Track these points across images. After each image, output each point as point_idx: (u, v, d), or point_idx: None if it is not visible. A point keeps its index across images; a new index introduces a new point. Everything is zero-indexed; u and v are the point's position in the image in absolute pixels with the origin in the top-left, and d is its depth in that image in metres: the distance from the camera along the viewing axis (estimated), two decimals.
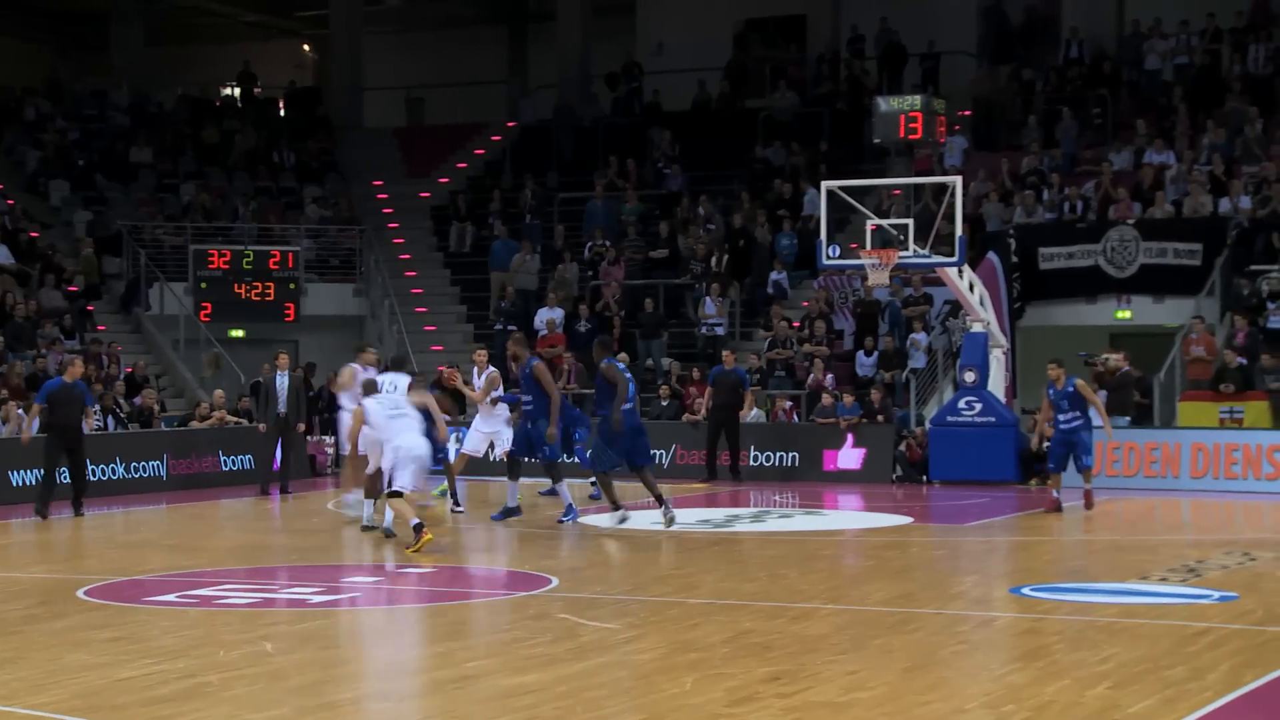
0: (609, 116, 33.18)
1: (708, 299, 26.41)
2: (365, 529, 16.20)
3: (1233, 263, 23.94)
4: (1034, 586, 12.35)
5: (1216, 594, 11.93)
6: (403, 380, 15.98)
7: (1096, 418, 18.20)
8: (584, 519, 16.98)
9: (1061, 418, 17.69)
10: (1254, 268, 23.57)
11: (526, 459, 17.02)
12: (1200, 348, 22.76)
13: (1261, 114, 26.59)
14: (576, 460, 19.02)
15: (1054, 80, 29.42)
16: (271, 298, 28.02)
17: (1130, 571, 13.38)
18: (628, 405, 16.11)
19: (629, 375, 16.48)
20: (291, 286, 28.30)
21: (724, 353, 23.08)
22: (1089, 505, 17.70)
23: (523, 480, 17.40)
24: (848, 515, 19.42)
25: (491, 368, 18.90)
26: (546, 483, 17.95)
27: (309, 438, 24.21)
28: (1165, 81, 28.51)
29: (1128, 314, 24.95)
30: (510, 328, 27.12)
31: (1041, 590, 12.18)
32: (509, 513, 17.05)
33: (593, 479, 18.06)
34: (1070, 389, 17.65)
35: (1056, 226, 25.67)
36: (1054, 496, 17.92)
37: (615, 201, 30.10)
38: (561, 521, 16.77)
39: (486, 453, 18.75)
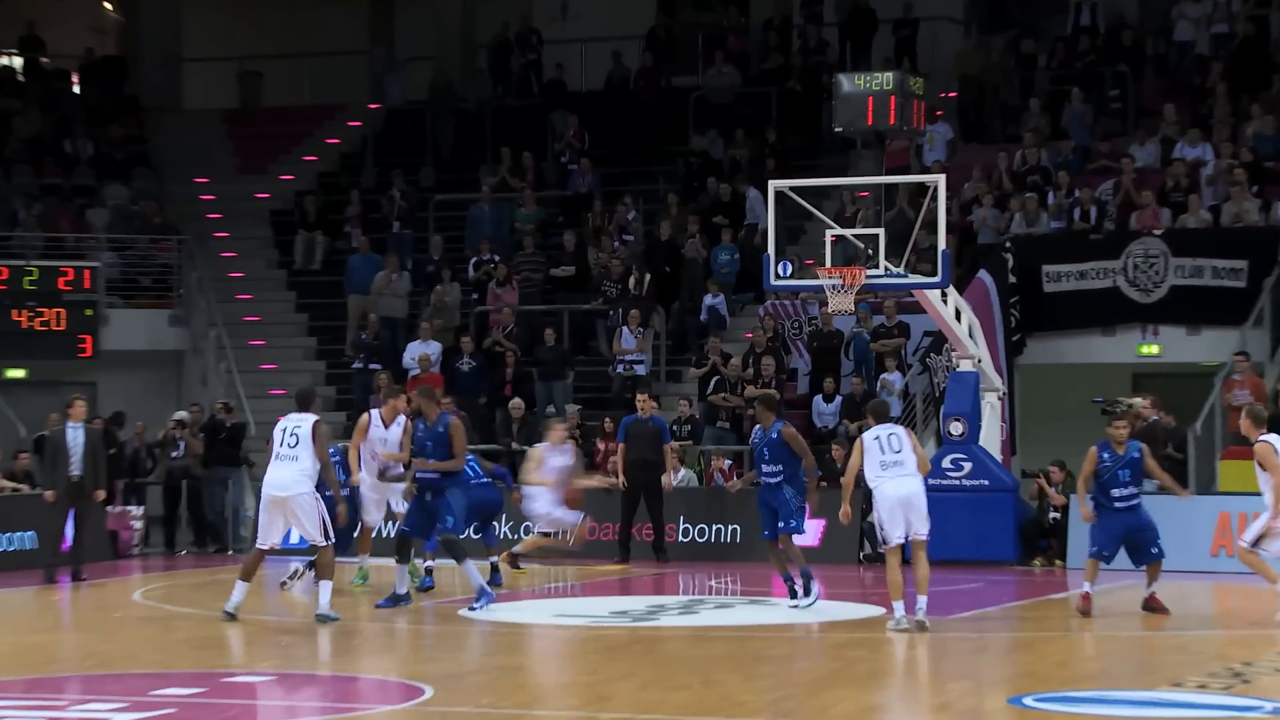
0: (499, 97, 33.18)
1: (624, 329, 26.45)
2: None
3: None
4: (1038, 696, 12.41)
5: (1270, 705, 12.04)
6: (306, 422, 16.33)
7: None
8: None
9: (1116, 493, 17.17)
10: None
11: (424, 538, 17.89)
12: (1245, 391, 23.02)
13: None
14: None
15: (1061, 54, 29.79)
16: (62, 327, 27.71)
17: (1160, 676, 13.48)
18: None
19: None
20: (88, 313, 28.00)
21: (639, 397, 23.06)
22: (1158, 608, 16.98)
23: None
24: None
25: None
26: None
27: (109, 508, 23.91)
28: (1200, 56, 28.93)
29: (1155, 349, 25.22)
30: (373, 366, 27.06)
31: (1048, 700, 12.23)
32: (397, 600, 17.36)
33: None
34: (1135, 455, 17.21)
35: (1065, 238, 25.93)
36: (1086, 591, 17.13)
37: (507, 206, 30.07)
38: (472, 609, 16.96)
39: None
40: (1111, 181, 26.47)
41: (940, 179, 21.52)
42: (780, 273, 21.46)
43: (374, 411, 19.46)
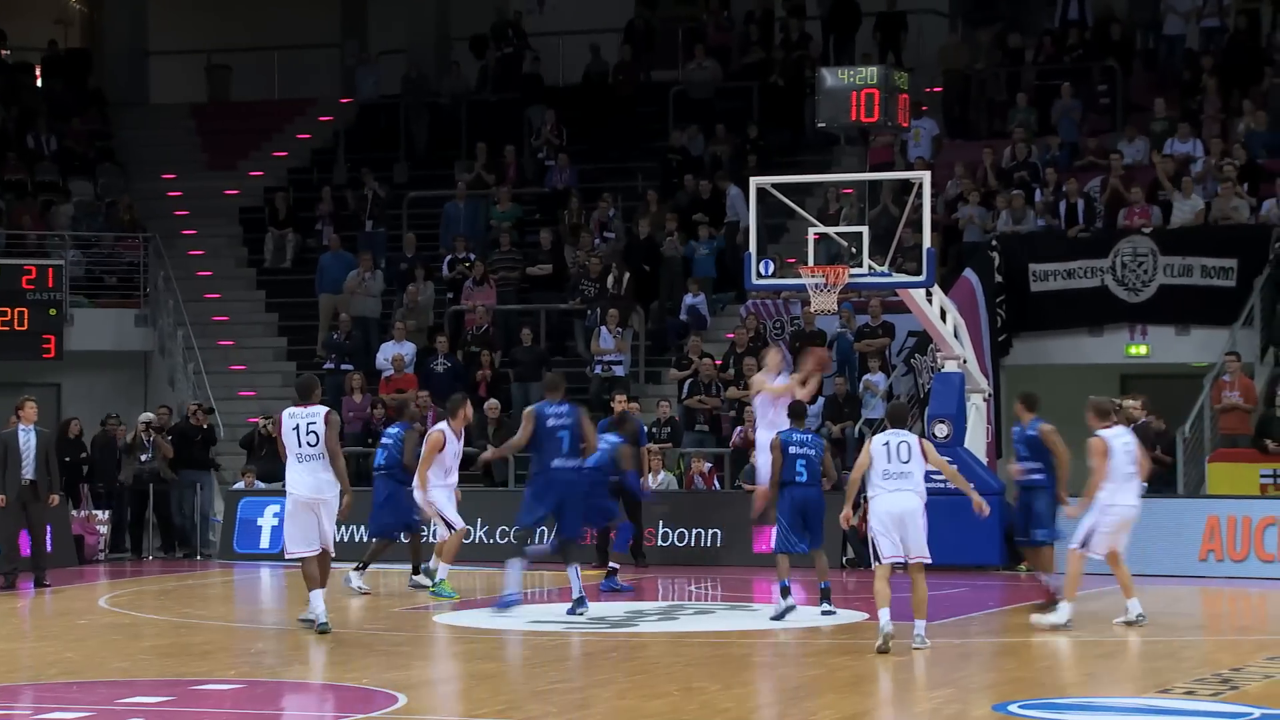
0: (474, 92, 33.21)
1: (603, 329, 26.49)
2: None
3: (1276, 284, 24.37)
4: (1023, 703, 12.49)
5: (1258, 711, 12.12)
6: (319, 417, 16.02)
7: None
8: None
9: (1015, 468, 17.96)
10: None
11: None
12: (1235, 393, 23.13)
13: None
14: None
15: (1049, 49, 29.87)
16: (25, 327, 27.67)
17: (1147, 682, 13.57)
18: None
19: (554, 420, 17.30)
20: (52, 313, 27.98)
21: (615, 399, 23.02)
22: (1048, 602, 17.18)
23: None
24: None
25: None
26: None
27: (76, 512, 23.92)
28: (1190, 51, 29.03)
29: (1143, 349, 25.31)
30: (344, 367, 27.08)
31: (1034, 708, 12.31)
32: (578, 604, 17.42)
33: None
34: (1031, 433, 17.71)
35: (1052, 237, 26.02)
36: (1044, 583, 17.86)
37: (483, 202, 30.09)
38: (498, 609, 17.16)
39: None
40: (1100, 179, 26.55)
41: (925, 176, 21.60)
42: (762, 271, 21.52)
43: (444, 428, 19.54)
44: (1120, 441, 16.68)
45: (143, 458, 25.27)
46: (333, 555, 16.29)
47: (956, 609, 18.67)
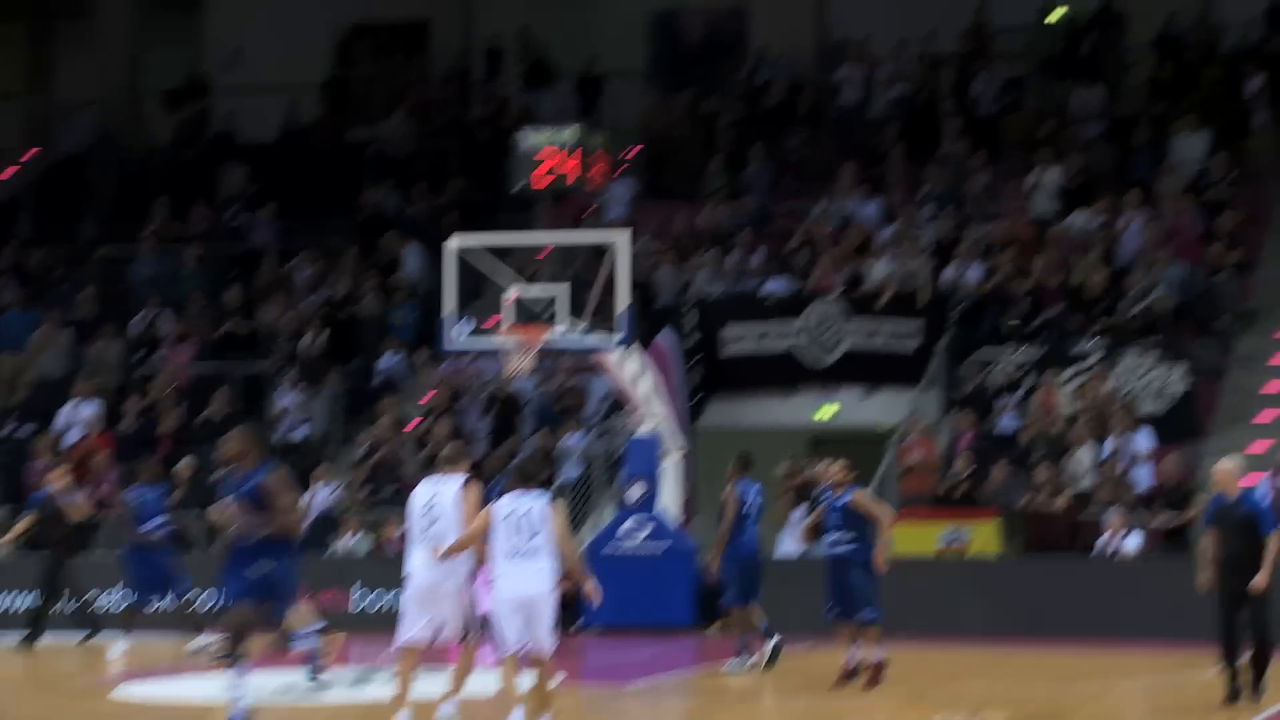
0: (166, 148, 32.67)
1: (292, 391, 26.13)
2: None
3: (956, 347, 25.02)
4: None
5: None
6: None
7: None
8: None
9: (829, 538, 16.78)
10: (981, 354, 24.67)
11: None
12: (919, 453, 23.62)
13: (988, 160, 27.80)
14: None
15: (742, 113, 30.30)
16: None
17: None
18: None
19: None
20: None
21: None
22: (873, 680, 16.41)
23: None
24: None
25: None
26: None
27: None
28: (874, 119, 29.55)
29: (832, 412, 25.67)
30: (24, 429, 26.35)
31: None
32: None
33: None
34: (842, 502, 16.64)
35: (744, 299, 26.34)
36: (849, 659, 16.72)
37: (172, 258, 29.55)
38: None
39: None
40: (791, 242, 27.00)
41: (621, 237, 21.71)
42: (459, 333, 21.42)
43: None
44: (507, 510, 13.20)
45: None
46: None
47: (646, 671, 18.74)
